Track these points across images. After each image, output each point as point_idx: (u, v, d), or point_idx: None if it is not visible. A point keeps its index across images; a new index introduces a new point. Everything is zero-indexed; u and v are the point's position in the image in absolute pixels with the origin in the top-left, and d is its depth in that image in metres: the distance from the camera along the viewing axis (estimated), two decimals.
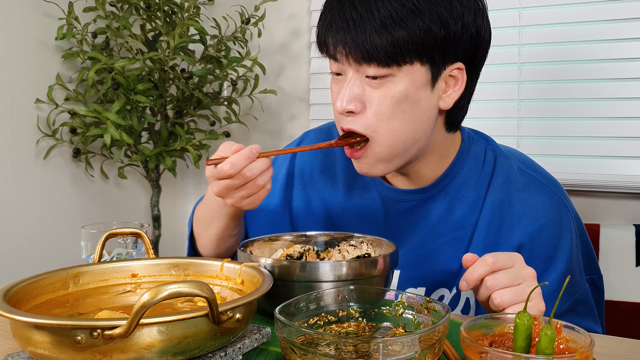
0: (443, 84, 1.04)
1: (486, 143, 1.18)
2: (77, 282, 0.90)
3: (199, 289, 0.68)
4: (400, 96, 1.00)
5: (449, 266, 1.13)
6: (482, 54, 1.07)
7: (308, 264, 0.91)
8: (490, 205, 1.11)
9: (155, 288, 0.67)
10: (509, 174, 1.13)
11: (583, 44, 1.95)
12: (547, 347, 0.68)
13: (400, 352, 0.69)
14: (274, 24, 2.49)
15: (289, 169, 1.29)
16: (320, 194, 1.25)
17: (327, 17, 1.02)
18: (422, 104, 1.02)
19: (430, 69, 1.01)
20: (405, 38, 0.97)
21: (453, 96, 1.05)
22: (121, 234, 0.96)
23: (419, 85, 1.01)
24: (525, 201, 1.10)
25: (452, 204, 1.14)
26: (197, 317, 0.71)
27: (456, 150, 1.15)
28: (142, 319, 0.67)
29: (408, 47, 0.97)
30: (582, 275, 1.13)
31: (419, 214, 1.15)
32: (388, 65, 0.98)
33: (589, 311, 1.12)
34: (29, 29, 2.12)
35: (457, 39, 1.00)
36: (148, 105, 2.20)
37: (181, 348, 0.71)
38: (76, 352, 0.69)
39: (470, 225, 1.12)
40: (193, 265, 0.96)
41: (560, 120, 1.99)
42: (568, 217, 1.11)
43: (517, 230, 1.09)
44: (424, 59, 1.00)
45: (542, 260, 1.07)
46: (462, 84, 1.05)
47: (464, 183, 1.14)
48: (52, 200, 2.24)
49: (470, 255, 0.91)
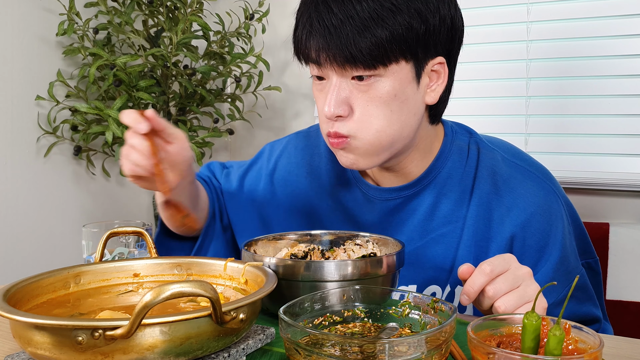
0: (427, 79, 1.05)
1: (469, 136, 1.18)
2: (78, 282, 0.89)
3: (202, 288, 0.68)
4: (389, 96, 1.01)
5: (439, 262, 1.13)
6: (458, 44, 1.09)
7: (313, 263, 0.91)
8: (477, 199, 1.11)
9: (158, 288, 0.66)
10: (493, 165, 1.13)
11: (593, 40, 1.94)
12: (555, 348, 0.67)
13: (407, 353, 0.68)
14: (279, 19, 2.48)
15: (273, 169, 1.29)
16: (307, 195, 1.25)
17: (305, 25, 1.02)
18: (409, 102, 1.04)
19: (414, 65, 1.02)
20: (387, 37, 0.97)
21: (438, 90, 1.07)
22: (123, 233, 0.95)
23: (406, 83, 1.02)
24: (512, 191, 1.10)
25: (437, 199, 1.14)
26: (201, 317, 0.70)
27: (440, 145, 1.16)
28: (144, 319, 0.66)
29: (392, 46, 0.98)
30: (577, 261, 1.13)
31: (406, 211, 1.16)
32: (374, 67, 0.99)
33: (587, 296, 1.13)
34: (29, 24, 2.11)
35: (437, 32, 1.02)
36: (150, 102, 2.19)
37: (184, 349, 0.71)
38: (77, 352, 0.68)
39: (458, 220, 1.12)
40: (196, 264, 0.95)
41: (569, 117, 1.98)
42: (558, 203, 1.11)
43: (508, 222, 1.09)
44: (408, 56, 1.01)
45: (535, 249, 1.08)
46: (444, 77, 1.07)
47: (448, 177, 1.14)
48: (53, 199, 2.23)
49: (466, 266, 0.91)
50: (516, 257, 0.90)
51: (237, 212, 1.28)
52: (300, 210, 1.25)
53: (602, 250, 1.63)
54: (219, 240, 1.25)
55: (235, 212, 1.28)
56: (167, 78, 2.25)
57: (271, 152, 1.33)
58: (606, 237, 1.62)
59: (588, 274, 1.16)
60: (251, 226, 1.27)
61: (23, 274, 0.87)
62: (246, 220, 1.28)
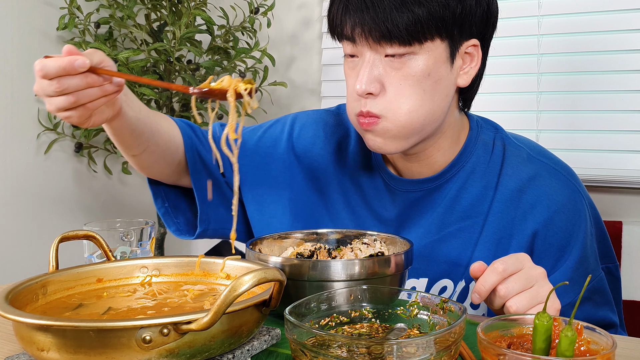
0: (460, 61, 1.06)
1: (495, 131, 1.18)
2: (45, 292, 0.86)
3: (278, 273, 0.73)
4: (422, 74, 1.02)
5: (453, 257, 1.12)
6: (492, 29, 1.10)
7: (319, 262, 0.90)
8: (501, 196, 1.11)
9: (239, 279, 0.69)
10: (519, 162, 1.13)
11: (605, 34, 1.93)
12: (567, 349, 0.67)
13: (415, 354, 0.67)
14: (284, 13, 2.47)
15: (297, 136, 1.27)
16: (326, 169, 1.24)
17: (341, 0, 1.02)
18: (442, 82, 1.04)
19: (449, 44, 1.03)
20: (425, 15, 0.98)
21: (471, 73, 1.08)
22: (74, 237, 0.94)
23: (440, 62, 1.03)
24: (537, 188, 1.10)
25: (459, 193, 1.14)
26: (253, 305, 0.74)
27: (465, 137, 1.15)
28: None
29: (429, 23, 0.99)
30: (597, 264, 1.12)
31: (426, 203, 1.15)
32: (410, 44, 0.99)
33: (605, 300, 1.12)
34: (30, 18, 2.11)
35: (472, 13, 1.03)
36: (153, 98, 2.19)
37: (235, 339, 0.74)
38: (141, 352, 0.68)
39: (478, 215, 1.12)
40: (164, 265, 0.95)
41: (581, 113, 1.97)
42: (582, 203, 1.11)
43: (531, 218, 1.08)
44: (444, 35, 1.01)
45: (556, 248, 1.07)
46: (477, 60, 1.07)
47: (472, 172, 1.14)
48: (54, 197, 2.23)
49: (479, 264, 0.90)
50: (537, 254, 0.89)
51: (250, 167, 1.25)
52: (315, 181, 1.24)
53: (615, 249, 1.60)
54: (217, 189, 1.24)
55: (249, 167, 1.25)
56: (170, 73, 2.24)
57: (295, 120, 1.29)
58: (619, 235, 1.61)
59: (607, 278, 1.14)
60: (262, 186, 1.25)
61: (22, 273, 0.85)
62: (257, 177, 1.25)
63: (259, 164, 1.25)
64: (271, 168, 1.25)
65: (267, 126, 1.30)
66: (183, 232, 1.26)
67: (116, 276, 0.93)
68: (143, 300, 0.87)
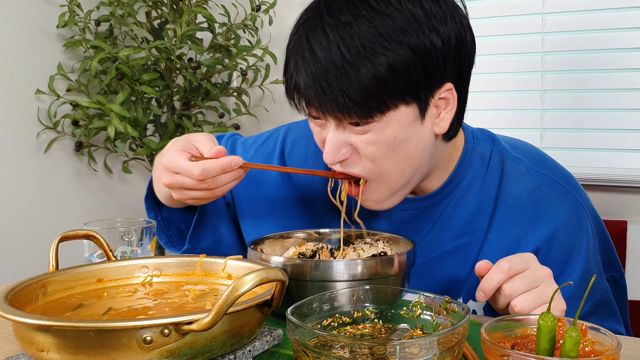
0: (434, 110, 0.99)
1: (492, 143, 1.14)
2: (45, 292, 0.86)
3: (280, 273, 0.74)
4: (388, 140, 0.96)
5: (451, 274, 1.11)
6: (469, 63, 1.01)
7: (321, 262, 0.90)
8: (500, 213, 1.09)
9: (241, 279, 0.69)
10: (518, 177, 1.10)
11: (610, 32, 1.93)
12: (571, 350, 0.66)
13: (418, 355, 0.67)
14: (286, 11, 2.47)
15: (289, 153, 1.25)
16: (322, 186, 1.21)
17: (292, 76, 0.97)
18: (413, 140, 0.98)
19: (416, 105, 0.96)
20: (380, 87, 0.91)
21: (447, 118, 1.00)
22: (75, 237, 0.94)
23: (407, 125, 0.96)
24: (537, 203, 1.08)
25: (455, 209, 1.11)
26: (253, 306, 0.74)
27: (459, 154, 1.12)
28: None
29: (386, 94, 0.92)
30: (601, 276, 1.11)
31: (422, 221, 1.13)
32: (370, 117, 0.93)
33: (610, 312, 1.10)
34: (29, 16, 2.11)
35: (439, 60, 0.94)
36: (154, 97, 2.19)
37: (237, 339, 0.73)
38: (142, 352, 0.68)
39: (475, 232, 1.10)
40: (164, 265, 0.95)
41: (585, 112, 1.97)
42: (584, 215, 1.09)
43: (532, 235, 1.07)
44: (408, 100, 0.94)
45: (558, 262, 1.05)
46: (453, 102, 0.99)
47: (468, 187, 1.11)
48: (54, 196, 2.23)
49: (484, 263, 0.89)
50: None
51: (245, 186, 1.24)
52: (308, 198, 1.22)
53: (620, 248, 1.61)
54: (220, 217, 1.23)
55: (244, 186, 1.24)
56: (171, 71, 2.24)
57: (287, 135, 1.28)
58: (624, 235, 1.61)
59: (612, 287, 1.13)
60: (257, 208, 1.24)
61: (22, 272, 0.85)
62: (251, 200, 1.25)
63: (253, 182, 1.24)
64: (265, 186, 1.24)
65: (260, 142, 1.29)
66: (175, 243, 1.25)
67: (117, 276, 0.92)
68: (144, 301, 0.87)
